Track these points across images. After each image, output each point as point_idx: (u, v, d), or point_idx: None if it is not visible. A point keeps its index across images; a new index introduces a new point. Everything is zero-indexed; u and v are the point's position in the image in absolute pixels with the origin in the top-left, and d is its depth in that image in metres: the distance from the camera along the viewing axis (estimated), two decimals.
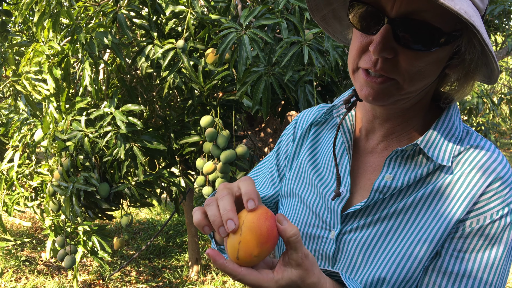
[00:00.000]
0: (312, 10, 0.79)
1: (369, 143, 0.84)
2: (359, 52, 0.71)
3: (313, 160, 0.91)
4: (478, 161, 0.74)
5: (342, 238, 0.81)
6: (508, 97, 4.19)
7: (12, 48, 3.09)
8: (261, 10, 1.96)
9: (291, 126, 1.00)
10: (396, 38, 0.65)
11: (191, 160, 2.61)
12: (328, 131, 0.92)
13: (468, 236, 0.73)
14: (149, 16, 2.28)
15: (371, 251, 0.78)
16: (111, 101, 2.30)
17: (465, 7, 0.60)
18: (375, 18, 0.66)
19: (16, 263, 5.16)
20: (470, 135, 0.78)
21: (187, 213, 5.00)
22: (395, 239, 0.76)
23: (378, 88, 0.69)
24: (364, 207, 0.79)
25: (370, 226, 0.78)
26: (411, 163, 0.77)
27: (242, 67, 1.94)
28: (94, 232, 2.85)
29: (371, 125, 0.83)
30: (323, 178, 0.88)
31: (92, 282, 4.80)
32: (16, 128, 2.83)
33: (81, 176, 2.37)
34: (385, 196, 0.77)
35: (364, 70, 0.71)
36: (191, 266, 5.06)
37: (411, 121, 0.79)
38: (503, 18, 4.04)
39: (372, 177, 0.83)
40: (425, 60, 0.66)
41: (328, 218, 0.83)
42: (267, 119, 3.64)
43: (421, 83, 0.69)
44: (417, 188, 0.77)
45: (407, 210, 0.76)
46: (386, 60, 0.67)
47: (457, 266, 0.73)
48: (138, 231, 6.64)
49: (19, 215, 6.70)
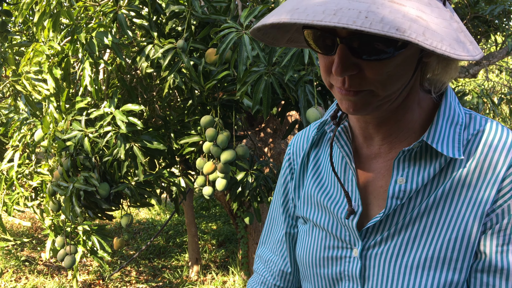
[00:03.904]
0: (272, 44, 0.77)
1: (371, 149, 0.81)
2: (327, 72, 0.70)
3: (318, 182, 0.88)
4: (489, 146, 0.72)
5: (367, 254, 0.77)
6: (508, 97, 4.19)
7: (12, 48, 3.09)
8: (262, 10, 1.96)
9: (286, 156, 0.97)
10: (354, 54, 0.64)
11: (191, 160, 2.61)
12: (326, 148, 0.89)
13: (507, 227, 0.70)
14: (149, 16, 2.27)
15: (401, 261, 0.73)
16: (111, 101, 2.30)
17: (391, 20, 0.55)
18: (328, 39, 0.65)
19: (16, 263, 5.16)
20: (474, 120, 0.76)
21: (187, 213, 5.00)
22: (424, 243, 0.72)
23: (354, 99, 0.68)
24: (384, 217, 0.75)
25: (395, 236, 0.74)
26: (421, 161, 0.74)
27: (242, 67, 1.94)
28: (94, 232, 2.84)
29: (366, 131, 0.80)
30: (333, 197, 0.84)
31: (92, 282, 4.79)
32: (16, 128, 2.83)
33: (81, 176, 2.37)
34: (403, 201, 0.73)
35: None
36: (191, 266, 5.06)
37: (405, 118, 0.76)
38: (503, 18, 4.04)
39: (383, 183, 0.79)
40: (392, 64, 0.64)
41: (347, 236, 0.80)
42: (267, 119, 3.64)
43: (396, 85, 0.67)
44: (434, 186, 0.73)
45: (429, 211, 0.73)
46: (352, 76, 0.65)
47: (505, 260, 0.70)
48: (138, 231, 6.64)
49: (19, 215, 6.70)
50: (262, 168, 2.52)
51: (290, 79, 1.96)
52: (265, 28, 0.71)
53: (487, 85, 6.52)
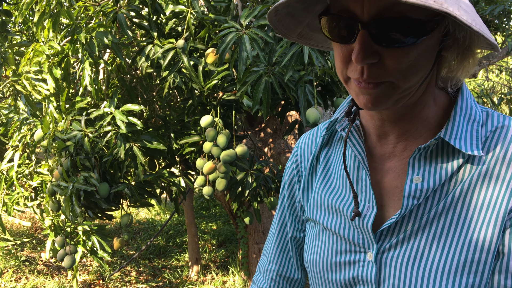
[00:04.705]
0: (284, 34, 0.74)
1: (385, 148, 0.78)
2: (343, 63, 0.67)
3: (328, 184, 0.85)
4: (509, 142, 0.69)
5: (382, 257, 0.73)
6: (508, 97, 4.18)
7: (12, 48, 3.09)
8: (261, 10, 1.96)
9: (292, 158, 0.93)
10: (376, 41, 0.61)
11: (191, 160, 2.61)
12: (336, 148, 0.85)
13: None
14: (149, 16, 2.28)
15: (418, 265, 0.70)
16: (111, 101, 2.30)
17: None
18: (349, 26, 0.62)
19: (16, 263, 5.16)
20: (491, 117, 0.73)
21: (187, 213, 5.00)
22: (443, 244, 0.69)
23: (374, 93, 0.65)
24: (399, 218, 0.71)
25: (412, 238, 0.71)
26: (437, 159, 0.71)
27: (242, 67, 1.94)
28: (94, 232, 2.85)
29: (381, 129, 0.76)
30: (342, 198, 0.81)
31: (92, 282, 4.79)
32: (16, 128, 2.83)
33: (81, 176, 2.37)
34: (420, 201, 0.70)
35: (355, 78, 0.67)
36: (191, 266, 5.06)
37: (422, 115, 0.73)
38: (503, 18, 4.04)
39: (398, 183, 0.75)
40: (414, 53, 0.62)
41: (360, 240, 0.76)
42: (267, 119, 3.64)
43: (417, 77, 0.65)
44: (452, 184, 0.70)
45: (448, 210, 0.70)
46: (372, 65, 0.63)
47: None
48: (138, 231, 6.64)
49: (19, 215, 6.70)
50: (262, 168, 2.52)
51: (290, 79, 1.96)
52: (282, 12, 0.69)
53: (487, 85, 6.52)
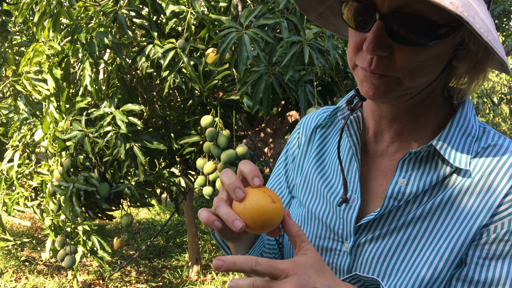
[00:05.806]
0: (304, 10, 0.75)
1: (379, 146, 0.79)
2: (354, 50, 0.68)
3: (321, 167, 0.86)
4: (497, 161, 0.70)
5: (357, 250, 0.76)
6: (508, 97, 4.19)
7: (12, 48, 3.09)
8: (262, 10, 1.96)
9: (295, 132, 0.95)
10: (390, 34, 0.62)
11: (191, 160, 2.61)
12: (335, 134, 0.87)
13: (494, 242, 0.68)
14: (149, 16, 2.27)
15: (388, 263, 0.73)
16: (111, 101, 2.30)
17: None
18: (367, 14, 0.62)
19: (16, 263, 5.16)
20: (487, 134, 0.74)
21: (187, 213, 5.00)
22: (413, 249, 0.72)
23: (377, 83, 0.66)
24: (378, 216, 0.74)
25: (386, 237, 0.73)
26: (425, 166, 0.72)
27: (242, 67, 1.94)
28: (94, 232, 2.85)
29: (378, 126, 0.78)
30: (331, 185, 0.83)
31: (92, 282, 4.79)
32: (16, 128, 2.83)
33: (81, 176, 2.37)
34: (400, 203, 0.72)
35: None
36: (191, 266, 5.06)
37: (421, 120, 0.74)
38: (503, 18, 4.04)
39: (384, 182, 0.77)
40: (425, 54, 0.62)
41: (340, 229, 0.78)
42: (267, 119, 3.64)
43: (423, 79, 0.65)
44: (434, 193, 0.72)
45: (425, 217, 0.71)
46: (381, 58, 0.63)
47: (483, 274, 0.68)
48: (138, 231, 6.64)
49: (19, 215, 6.70)
50: (262, 168, 2.52)
51: (290, 79, 1.96)
52: None
53: (487, 85, 6.52)
